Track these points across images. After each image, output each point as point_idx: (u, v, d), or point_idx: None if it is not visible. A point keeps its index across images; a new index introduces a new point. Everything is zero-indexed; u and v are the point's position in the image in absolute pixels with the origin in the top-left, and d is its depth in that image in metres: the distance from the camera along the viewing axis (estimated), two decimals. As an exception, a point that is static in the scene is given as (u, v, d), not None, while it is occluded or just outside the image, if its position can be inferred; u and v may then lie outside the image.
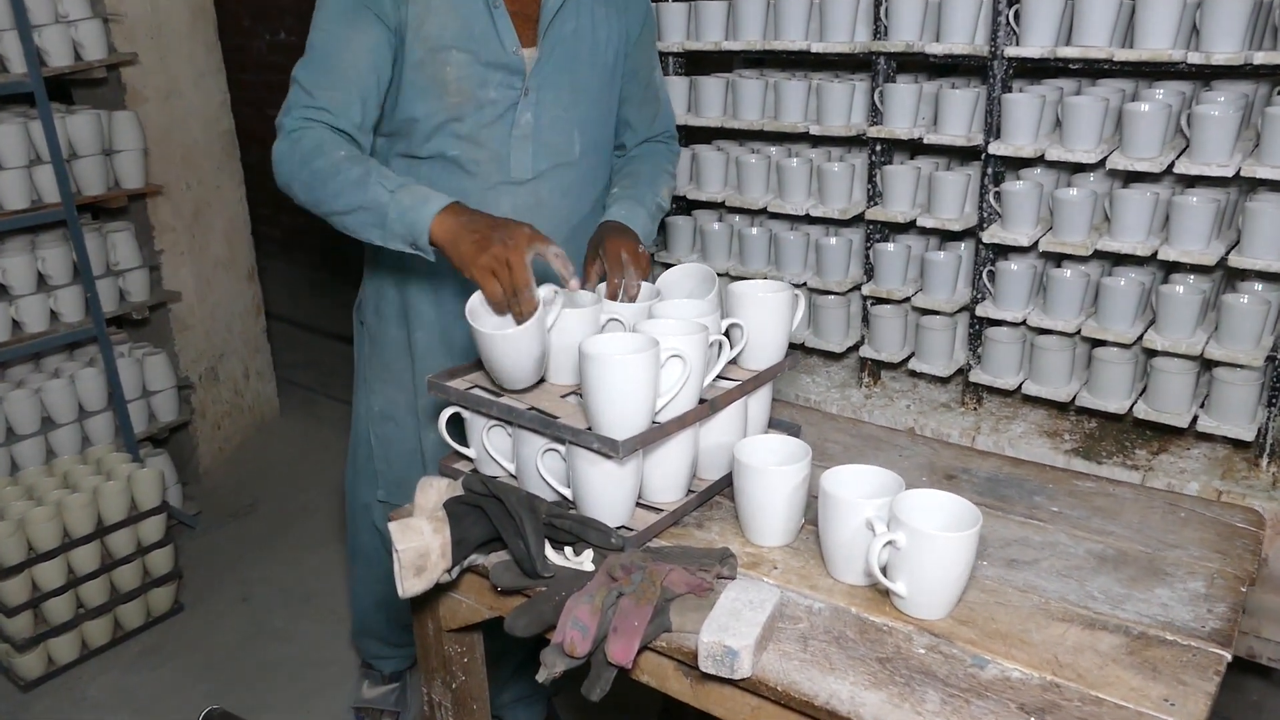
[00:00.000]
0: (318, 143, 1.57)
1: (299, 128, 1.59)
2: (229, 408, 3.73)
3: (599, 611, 1.16)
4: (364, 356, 1.98)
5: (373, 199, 1.52)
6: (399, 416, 1.95)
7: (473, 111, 1.67)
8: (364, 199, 1.53)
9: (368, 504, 2.08)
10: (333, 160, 1.55)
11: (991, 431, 2.34)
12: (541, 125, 1.72)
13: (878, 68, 2.32)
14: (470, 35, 1.62)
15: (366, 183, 1.53)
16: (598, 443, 1.28)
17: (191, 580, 3.02)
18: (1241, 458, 2.17)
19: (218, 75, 3.45)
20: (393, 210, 1.52)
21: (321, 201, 1.58)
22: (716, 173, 2.59)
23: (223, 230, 3.58)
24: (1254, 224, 1.96)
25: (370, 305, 1.94)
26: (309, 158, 1.56)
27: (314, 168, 1.56)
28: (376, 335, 1.93)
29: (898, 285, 2.41)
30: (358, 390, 2.03)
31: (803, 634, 1.17)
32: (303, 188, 1.59)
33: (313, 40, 1.62)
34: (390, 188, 1.53)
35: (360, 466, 2.06)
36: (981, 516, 1.17)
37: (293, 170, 1.59)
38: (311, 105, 1.60)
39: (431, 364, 1.86)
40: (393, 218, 1.52)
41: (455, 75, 1.63)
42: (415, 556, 1.23)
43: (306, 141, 1.58)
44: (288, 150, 1.59)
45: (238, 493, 3.54)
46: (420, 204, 1.51)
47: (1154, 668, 1.11)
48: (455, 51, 1.62)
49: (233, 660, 2.67)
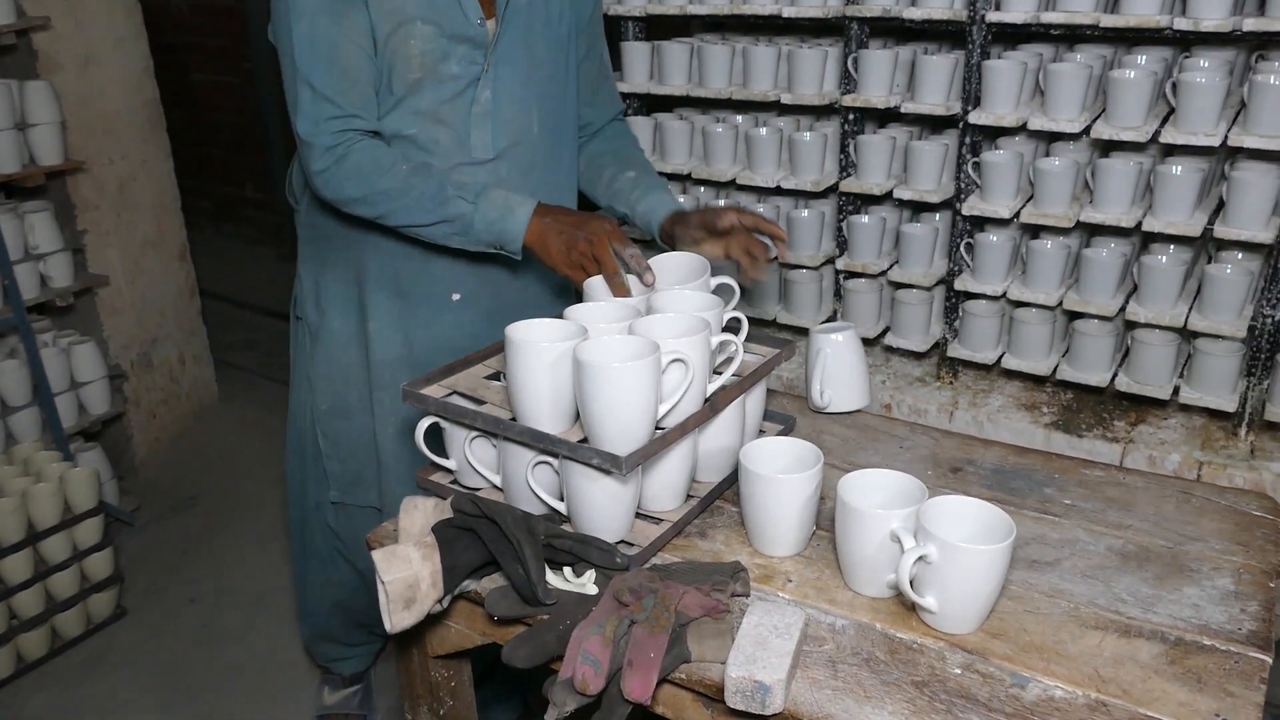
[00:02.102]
0: (372, 159, 1.54)
1: (338, 143, 1.53)
2: (164, 395, 3.54)
3: (611, 643, 1.07)
4: (305, 354, 1.88)
5: (455, 212, 1.54)
6: (351, 413, 1.85)
7: (433, 87, 1.59)
8: (445, 213, 1.54)
9: (320, 504, 1.98)
10: (398, 177, 1.54)
11: (969, 406, 2.29)
12: (501, 102, 1.65)
13: (851, 33, 2.23)
14: (434, 6, 1.54)
15: (443, 196, 1.54)
16: (598, 458, 1.18)
17: (134, 583, 2.86)
18: (1219, 427, 2.15)
19: (139, 40, 3.22)
20: (479, 223, 1.54)
21: (391, 215, 1.57)
22: (681, 144, 2.48)
23: (150, 207, 3.36)
24: (1239, 194, 1.92)
25: (309, 300, 1.84)
26: (368, 177, 1.53)
27: (380, 188, 1.54)
28: (319, 330, 1.84)
29: (872, 259, 2.34)
30: (297, 387, 1.94)
31: (830, 657, 1.09)
32: (366, 206, 1.57)
33: (306, 34, 1.51)
34: (470, 199, 1.54)
35: (308, 466, 1.97)
36: (1014, 526, 1.10)
37: (349, 190, 1.55)
38: (340, 114, 1.53)
39: (388, 355, 1.77)
40: (479, 229, 1.55)
41: (419, 49, 1.55)
42: (404, 588, 1.13)
43: (357, 158, 1.53)
44: (333, 169, 1.54)
45: (178, 485, 3.37)
46: (507, 213, 1.53)
47: (1198, 678, 1.06)
48: (420, 23, 1.53)
49: (183, 667, 2.53)
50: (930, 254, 2.29)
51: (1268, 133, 1.86)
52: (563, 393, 1.24)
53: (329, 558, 2.04)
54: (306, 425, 1.92)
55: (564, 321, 1.30)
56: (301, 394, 1.92)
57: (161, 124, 3.37)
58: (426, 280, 1.74)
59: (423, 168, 1.55)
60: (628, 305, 1.38)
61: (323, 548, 2.04)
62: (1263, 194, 1.90)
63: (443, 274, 1.73)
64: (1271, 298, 1.96)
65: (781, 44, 2.42)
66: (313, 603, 2.16)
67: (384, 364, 1.78)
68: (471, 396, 1.36)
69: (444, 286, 1.75)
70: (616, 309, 1.37)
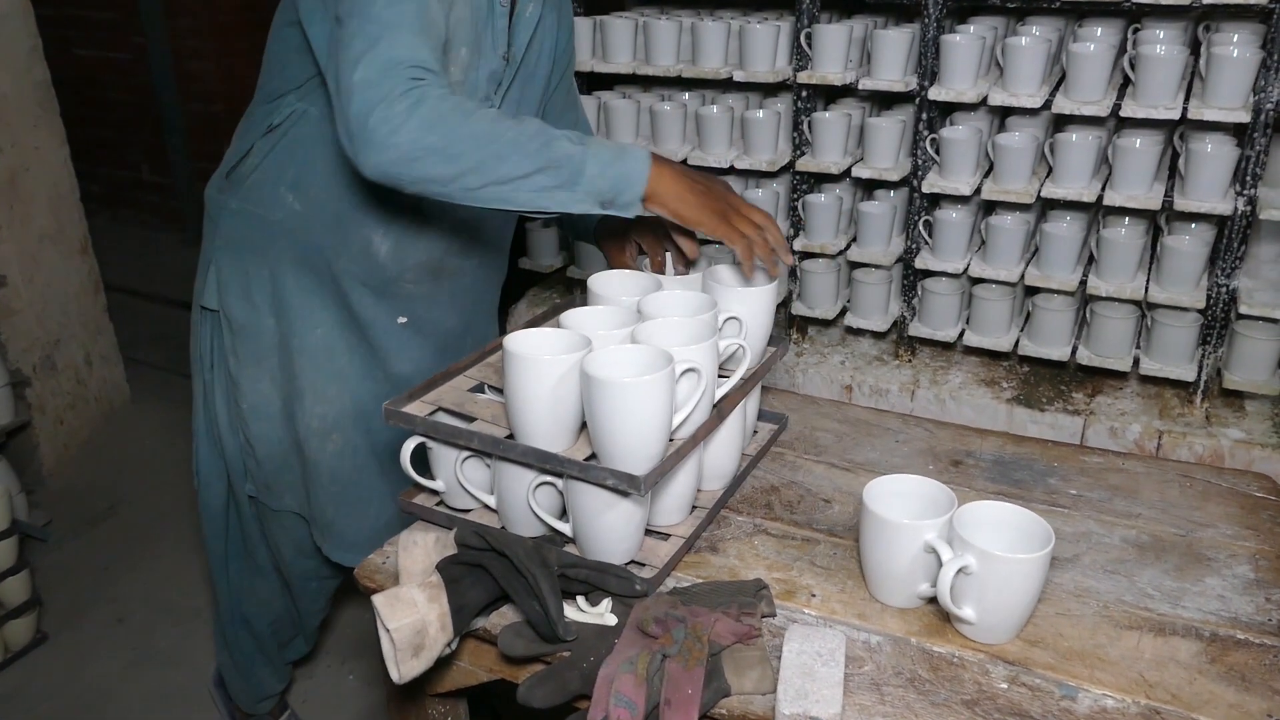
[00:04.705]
0: (456, 104, 1.28)
1: (412, 88, 1.26)
2: (71, 399, 3.31)
3: (644, 682, 1.00)
4: (222, 347, 1.71)
5: (562, 154, 1.29)
6: (274, 416, 1.72)
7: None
8: (549, 156, 1.28)
9: (241, 500, 1.83)
10: (488, 120, 1.28)
11: (931, 384, 2.28)
12: None
13: (802, 6, 2.16)
14: (475, 31, 1.41)
15: (548, 137, 1.29)
16: (613, 479, 1.10)
17: (53, 605, 2.66)
18: (1175, 395, 2.18)
19: (25, 17, 2.96)
20: (591, 165, 1.29)
21: (477, 169, 1.28)
22: (627, 124, 2.39)
23: (46, 198, 3.11)
24: (1196, 165, 1.93)
25: (233, 293, 1.66)
26: (451, 122, 1.26)
27: (464, 133, 1.27)
28: (244, 324, 1.67)
29: (830, 239, 2.29)
30: (215, 384, 1.76)
31: (872, 679, 1.04)
32: (441, 159, 1.27)
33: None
34: (576, 141, 1.30)
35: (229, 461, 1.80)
36: (1052, 532, 1.06)
37: (425, 140, 1.26)
38: (419, 64, 1.28)
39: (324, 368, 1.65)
40: (592, 173, 1.29)
41: (456, 78, 1.42)
42: (411, 634, 1.03)
43: (435, 104, 1.27)
44: (404, 116, 1.25)
45: (92, 495, 3.15)
46: (623, 156, 1.31)
47: (1242, 676, 1.05)
48: (464, 50, 1.41)
49: (112, 694, 2.37)
50: (888, 232, 2.26)
51: (1226, 105, 1.87)
52: (566, 408, 1.15)
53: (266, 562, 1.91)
54: (224, 420, 1.77)
55: (562, 331, 1.21)
56: (213, 385, 1.76)
57: (54, 108, 3.11)
58: (374, 299, 1.62)
59: (513, 116, 1.33)
60: (624, 309, 1.29)
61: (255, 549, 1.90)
62: (1221, 166, 1.91)
63: (394, 295, 1.62)
64: (1226, 267, 1.99)
65: (728, 17, 2.34)
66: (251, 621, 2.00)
67: (327, 377, 1.66)
68: (459, 413, 1.26)
69: (390, 307, 1.64)
70: (613, 314, 1.28)
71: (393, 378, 1.68)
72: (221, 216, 1.65)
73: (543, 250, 2.67)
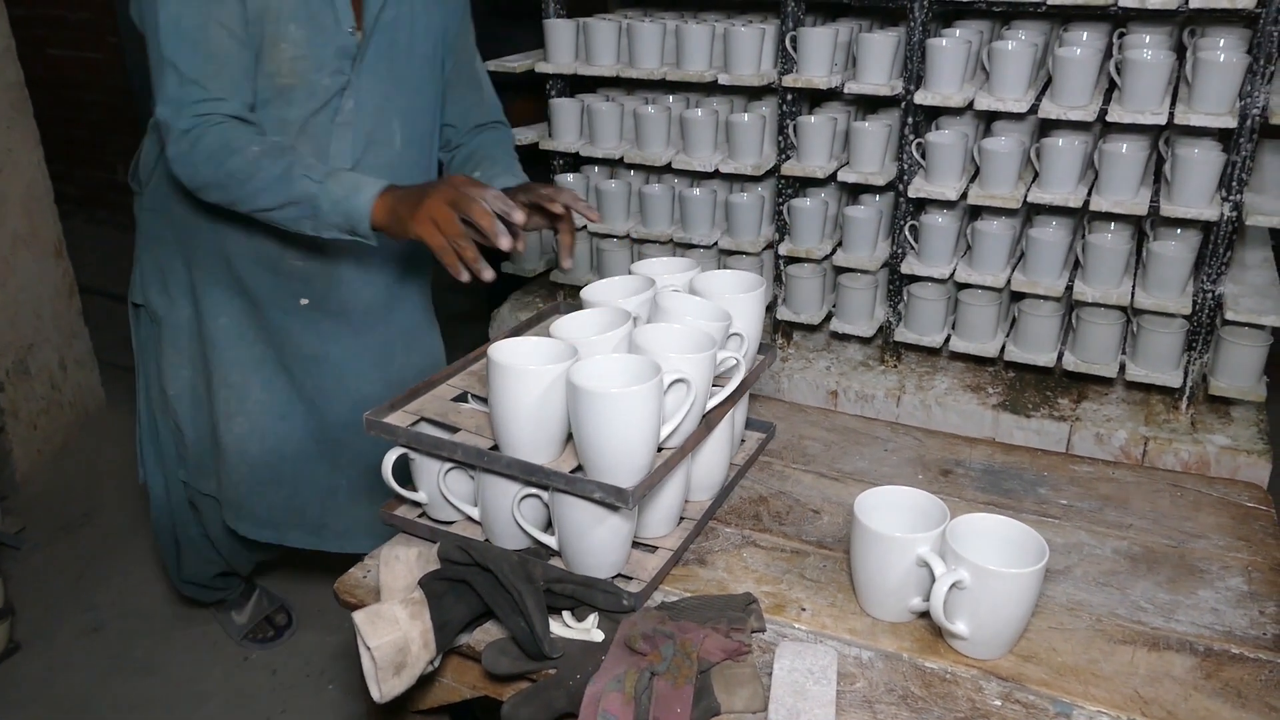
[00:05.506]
0: (224, 141, 1.45)
1: (194, 126, 1.45)
2: (45, 404, 3.25)
3: (632, 700, 0.98)
4: (149, 337, 1.92)
5: (301, 192, 1.44)
6: (197, 401, 1.89)
7: (303, 98, 1.57)
8: (291, 193, 1.44)
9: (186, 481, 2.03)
10: (248, 158, 1.44)
11: (916, 389, 2.27)
12: (364, 113, 1.64)
13: (787, 10, 2.14)
14: (307, 8, 1.51)
15: (290, 176, 1.44)
16: (600, 492, 1.08)
17: (26, 613, 2.61)
18: (1160, 401, 2.18)
19: (-3, 18, 2.91)
20: (324, 201, 1.43)
21: (241, 201, 1.48)
22: (611, 127, 2.37)
23: (20, 200, 3.06)
24: (1182, 171, 1.93)
25: (154, 284, 1.85)
26: (219, 158, 1.44)
27: (228, 169, 1.44)
28: (164, 316, 1.85)
29: (815, 243, 2.28)
30: (145, 374, 1.98)
31: (864, 696, 1.02)
32: (218, 190, 1.49)
33: (171, 14, 1.46)
34: (317, 178, 1.44)
35: (163, 447, 2.02)
36: (1046, 546, 1.05)
37: (203, 174, 1.47)
38: (205, 98, 1.46)
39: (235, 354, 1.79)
40: (326, 209, 1.44)
41: (290, 54, 1.52)
42: (393, 652, 1.01)
43: (209, 140, 1.45)
44: (188, 152, 1.46)
45: (67, 501, 3.10)
46: (354, 192, 1.43)
47: (1237, 692, 1.03)
48: (293, 26, 1.50)
49: (88, 705, 2.32)
50: (874, 237, 2.24)
51: (1212, 110, 1.86)
52: (552, 419, 1.13)
53: (197, 534, 2.12)
54: (159, 406, 1.96)
55: (549, 340, 1.19)
56: (149, 379, 1.96)
57: (28, 109, 3.05)
58: (273, 281, 1.73)
59: (275, 148, 1.47)
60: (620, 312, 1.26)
61: (191, 523, 2.10)
62: (1207, 171, 1.90)
63: (291, 277, 1.71)
64: (1212, 273, 1.99)
65: (712, 20, 2.32)
66: (195, 575, 2.24)
67: (230, 362, 1.79)
68: (442, 423, 1.23)
69: (291, 290, 1.73)
70: (608, 316, 1.26)
71: (304, 360, 1.79)
72: (140, 216, 1.86)
73: (526, 254, 2.64)
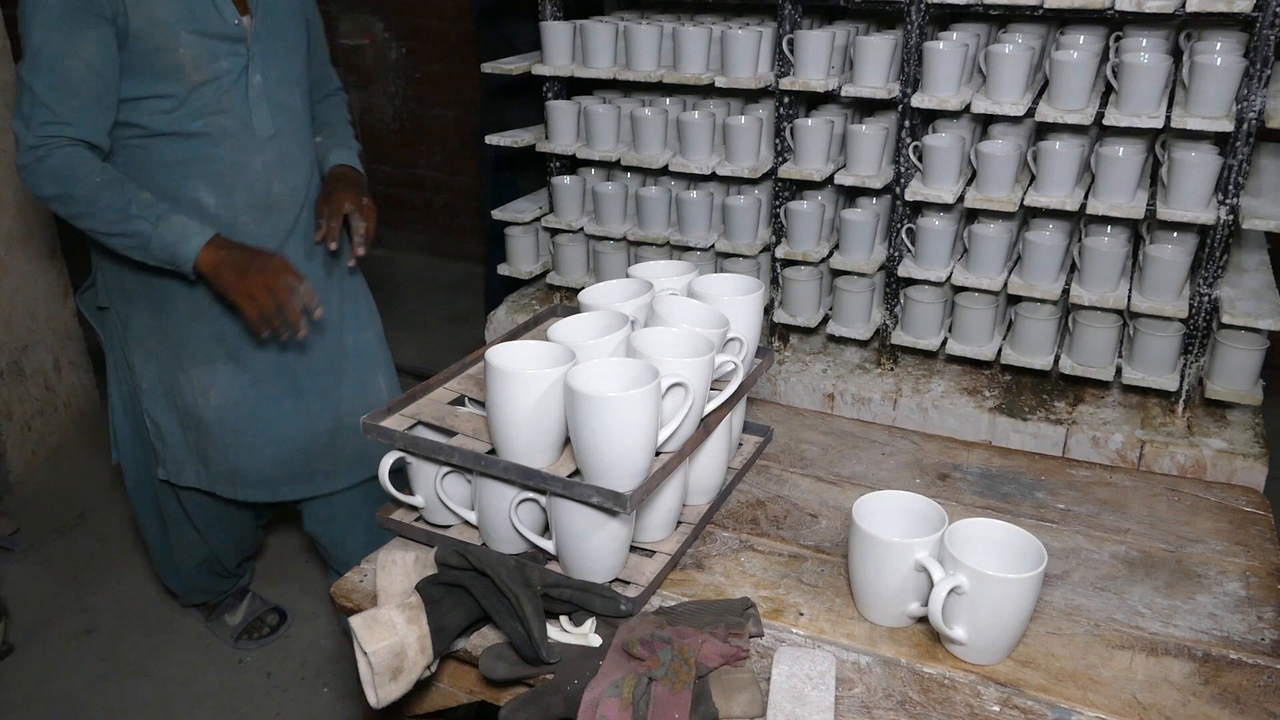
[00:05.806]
0: (69, 166, 1.61)
1: (42, 144, 1.60)
2: (40, 406, 3.24)
3: (630, 705, 0.97)
4: (117, 337, 1.98)
5: (135, 229, 1.65)
6: (168, 393, 1.97)
7: (211, 85, 1.73)
8: (126, 228, 1.65)
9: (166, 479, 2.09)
10: (89, 189, 1.62)
11: (913, 392, 2.27)
12: (270, 83, 1.82)
13: (784, 13, 2.14)
14: (192, 15, 1.67)
15: (128, 214, 1.64)
16: (598, 496, 1.07)
17: (20, 615, 2.60)
18: (1156, 404, 2.18)
19: (-9, 18, 2.90)
20: (155, 243, 1.66)
21: (79, 219, 1.66)
22: (608, 129, 2.36)
23: (14, 201, 3.05)
24: (1179, 174, 1.93)
25: (115, 289, 1.93)
26: (62, 181, 1.61)
27: (70, 194, 1.62)
28: (127, 314, 1.93)
29: (812, 246, 2.28)
30: (118, 370, 2.04)
31: (863, 702, 1.02)
32: (59, 205, 1.66)
33: (38, 43, 1.59)
34: (151, 220, 1.64)
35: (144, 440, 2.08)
36: (1044, 551, 1.04)
37: (44, 189, 1.64)
38: (52, 120, 1.60)
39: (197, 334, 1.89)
40: (155, 248, 1.66)
41: (190, 55, 1.67)
42: (390, 657, 1.00)
43: (54, 162, 1.60)
44: (33, 166, 1.62)
45: (61, 503, 3.08)
46: (182, 239, 1.66)
47: (1236, 698, 1.03)
48: (184, 32, 1.66)
49: (82, 707, 2.31)
50: (871, 240, 2.24)
51: (1209, 113, 1.86)
52: (550, 422, 1.12)
53: (180, 520, 2.17)
54: (132, 404, 2.04)
55: (547, 343, 1.18)
56: (121, 377, 2.03)
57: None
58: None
59: (115, 182, 1.65)
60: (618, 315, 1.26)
61: (175, 512, 2.16)
62: (1204, 175, 1.90)
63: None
64: (1209, 276, 1.99)
65: (709, 23, 2.32)
66: (179, 568, 2.31)
67: (195, 341, 1.89)
68: (440, 427, 1.23)
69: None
70: (606, 320, 1.25)
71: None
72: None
73: (522, 256, 2.64)
